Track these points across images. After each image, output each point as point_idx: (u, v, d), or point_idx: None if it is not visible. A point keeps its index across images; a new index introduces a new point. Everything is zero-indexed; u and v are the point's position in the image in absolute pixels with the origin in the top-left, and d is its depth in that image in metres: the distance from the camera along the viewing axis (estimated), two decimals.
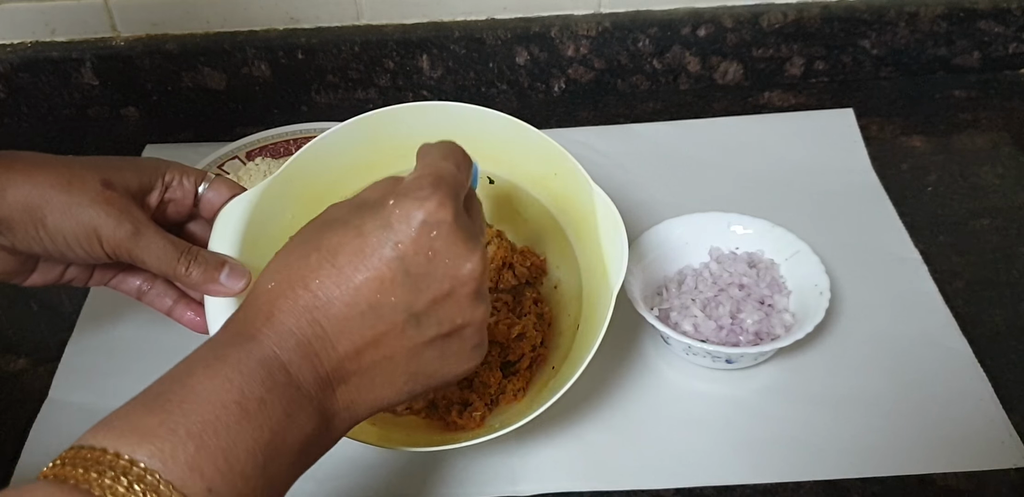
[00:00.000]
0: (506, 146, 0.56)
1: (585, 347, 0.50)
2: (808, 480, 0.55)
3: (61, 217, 0.45)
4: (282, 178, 0.53)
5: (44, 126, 0.86)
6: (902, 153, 0.79)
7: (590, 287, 0.55)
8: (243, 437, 0.32)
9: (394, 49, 0.82)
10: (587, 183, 0.52)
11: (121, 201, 0.46)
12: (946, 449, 0.56)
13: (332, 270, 0.36)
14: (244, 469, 0.31)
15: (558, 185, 0.56)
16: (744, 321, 0.60)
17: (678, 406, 0.60)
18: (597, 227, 0.52)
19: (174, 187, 0.50)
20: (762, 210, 0.66)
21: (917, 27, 0.83)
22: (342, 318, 0.36)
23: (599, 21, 0.82)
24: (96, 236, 0.46)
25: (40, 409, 0.61)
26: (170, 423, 0.31)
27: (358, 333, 0.36)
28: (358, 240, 0.36)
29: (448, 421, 0.55)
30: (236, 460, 0.31)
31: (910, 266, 0.68)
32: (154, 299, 0.53)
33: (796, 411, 0.59)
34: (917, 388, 0.59)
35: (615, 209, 0.52)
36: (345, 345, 0.36)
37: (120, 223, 0.46)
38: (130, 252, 0.47)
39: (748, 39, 0.83)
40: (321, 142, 0.53)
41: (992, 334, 0.63)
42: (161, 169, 0.50)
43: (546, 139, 0.54)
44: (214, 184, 0.51)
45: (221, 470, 0.31)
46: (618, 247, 0.51)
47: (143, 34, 0.83)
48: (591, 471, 0.56)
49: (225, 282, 0.48)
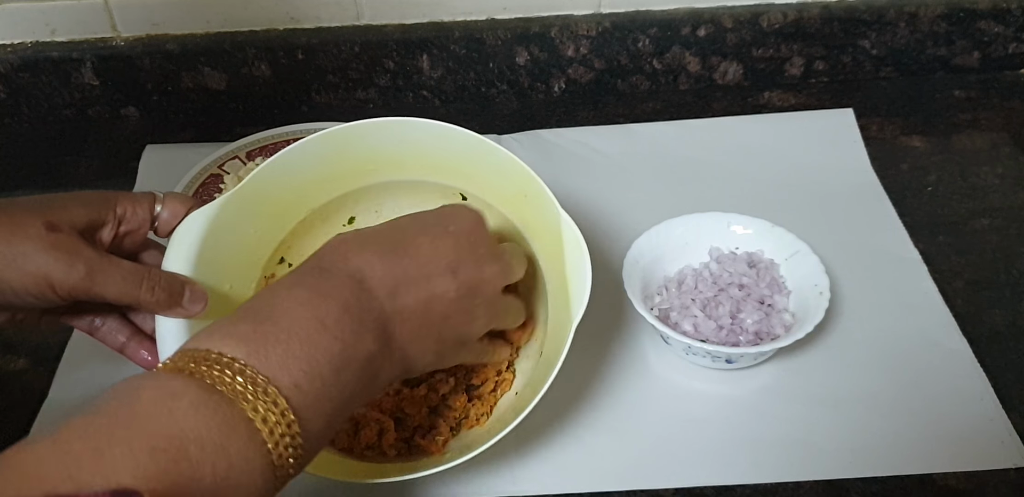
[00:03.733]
0: (475, 164, 0.54)
1: (545, 376, 0.49)
2: (808, 480, 0.55)
3: (5, 269, 0.43)
4: (243, 192, 0.51)
5: (44, 126, 0.86)
6: (902, 153, 0.79)
7: (555, 314, 0.53)
8: (321, 346, 0.38)
9: (394, 49, 0.83)
10: (555, 208, 0.51)
11: (68, 242, 0.44)
12: (946, 449, 0.56)
13: (396, 232, 0.45)
14: (322, 372, 0.37)
15: (528, 208, 0.54)
16: (744, 321, 0.60)
17: (678, 406, 0.60)
18: (563, 255, 0.51)
19: (128, 219, 0.49)
20: (762, 210, 0.66)
21: (917, 27, 0.83)
22: (402, 272, 0.43)
23: (599, 21, 0.82)
24: (47, 283, 0.44)
25: (40, 409, 0.61)
26: (262, 331, 0.37)
27: (413, 287, 0.43)
28: (419, 223, 0.47)
29: (412, 445, 0.54)
30: (316, 363, 0.37)
31: (910, 266, 0.68)
32: (106, 336, 0.51)
33: (796, 411, 0.59)
34: (917, 388, 0.59)
35: (582, 239, 0.50)
36: (403, 295, 0.43)
37: (72, 266, 0.44)
38: (87, 291, 0.45)
39: (748, 39, 0.83)
40: (284, 156, 0.52)
41: (992, 334, 0.63)
42: (111, 202, 0.48)
43: (514, 160, 0.52)
44: (168, 203, 0.50)
45: (304, 370, 0.36)
46: (582, 279, 0.50)
47: (143, 34, 0.83)
48: (591, 471, 0.56)
49: (187, 306, 0.48)
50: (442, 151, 0.54)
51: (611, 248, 0.67)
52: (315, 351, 0.37)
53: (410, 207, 0.59)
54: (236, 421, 0.34)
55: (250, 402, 0.34)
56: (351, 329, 0.39)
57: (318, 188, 0.56)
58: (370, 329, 0.40)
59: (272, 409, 0.34)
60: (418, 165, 0.56)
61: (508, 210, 0.56)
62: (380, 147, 0.55)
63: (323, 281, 0.41)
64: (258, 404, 0.34)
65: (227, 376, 0.34)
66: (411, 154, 0.55)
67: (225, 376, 0.34)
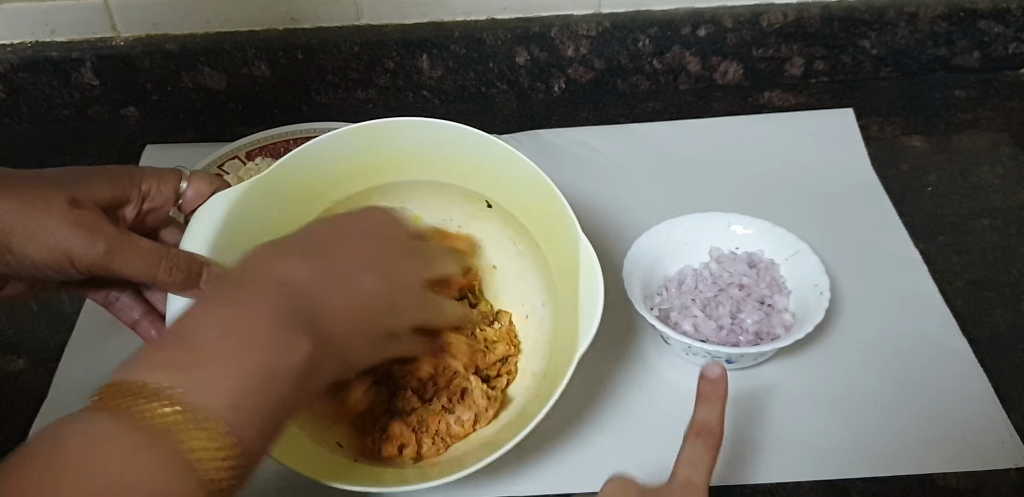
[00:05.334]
0: (503, 175, 0.55)
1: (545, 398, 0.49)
2: (808, 480, 0.55)
3: (27, 242, 0.44)
4: (270, 178, 0.52)
5: (44, 126, 0.86)
6: (902, 153, 0.79)
7: (560, 337, 0.53)
8: (253, 360, 0.36)
9: (394, 49, 0.82)
10: (575, 231, 0.51)
11: (90, 219, 0.45)
12: (946, 449, 0.56)
13: (317, 236, 0.45)
14: (260, 386, 0.36)
15: (549, 225, 0.54)
16: (744, 321, 0.60)
17: (678, 406, 0.59)
18: (578, 279, 0.51)
19: (152, 196, 0.49)
20: (762, 210, 0.65)
21: (917, 27, 0.83)
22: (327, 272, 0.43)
23: (599, 21, 0.82)
24: (68, 258, 0.44)
25: (40, 409, 0.61)
26: (191, 355, 0.36)
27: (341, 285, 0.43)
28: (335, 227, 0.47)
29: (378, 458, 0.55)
30: (251, 379, 0.36)
31: (910, 266, 0.68)
32: (120, 311, 0.52)
33: (796, 411, 0.59)
34: (917, 388, 0.59)
35: (598, 266, 0.50)
36: (331, 294, 0.42)
37: (92, 243, 0.44)
38: (107, 268, 0.46)
39: (748, 39, 0.83)
40: (315, 145, 0.53)
41: (992, 334, 0.63)
42: (136, 180, 0.48)
43: (542, 177, 0.52)
44: (194, 181, 0.50)
45: (238, 389, 0.35)
46: (592, 307, 0.49)
47: (143, 34, 0.83)
48: (591, 471, 0.56)
49: (204, 287, 0.48)
50: (472, 158, 0.55)
51: (611, 248, 0.67)
52: (247, 366, 0.36)
53: (436, 207, 0.60)
54: (169, 457, 0.32)
55: (184, 433, 0.33)
56: (283, 337, 0.38)
57: (344, 180, 0.56)
58: (303, 332, 0.39)
59: (209, 436, 0.33)
60: (446, 168, 0.56)
61: (530, 224, 0.56)
62: (410, 146, 0.55)
63: (247, 293, 0.40)
64: (192, 434, 0.33)
65: (157, 408, 0.33)
66: (440, 156, 0.55)
67: (155, 408, 0.33)
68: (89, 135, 0.85)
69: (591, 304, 0.50)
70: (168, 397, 0.33)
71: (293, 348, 0.38)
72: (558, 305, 0.55)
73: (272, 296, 0.40)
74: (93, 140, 0.85)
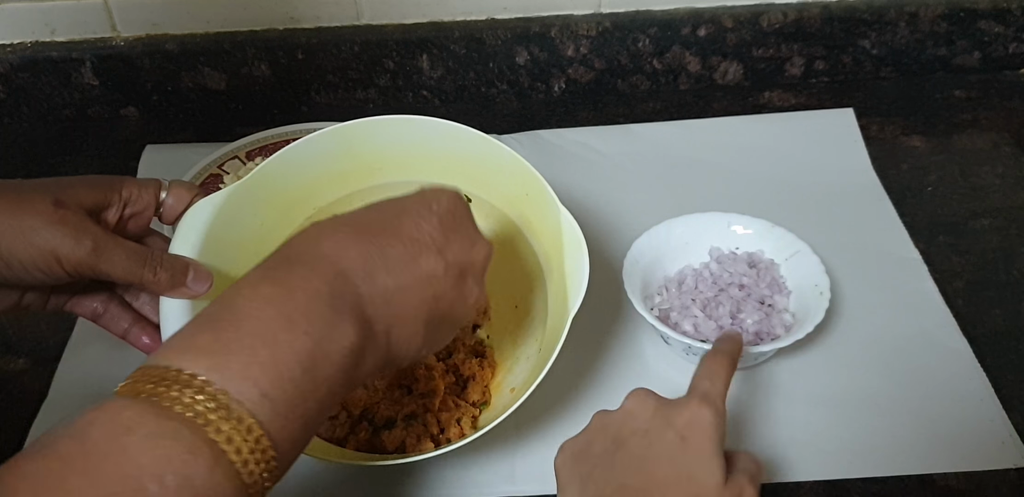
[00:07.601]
0: (480, 163, 0.55)
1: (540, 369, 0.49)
2: (808, 480, 0.55)
3: (14, 243, 0.44)
4: (251, 183, 0.52)
5: (44, 126, 0.86)
6: (902, 153, 0.79)
7: (554, 312, 0.53)
8: (289, 346, 0.35)
9: (394, 49, 0.83)
10: (556, 206, 0.51)
11: (75, 218, 0.45)
12: (946, 449, 0.56)
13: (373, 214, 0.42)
14: (292, 375, 0.34)
15: (529, 207, 0.55)
16: (744, 321, 0.60)
17: None
18: (563, 253, 0.51)
19: (133, 202, 0.49)
20: (762, 210, 0.66)
21: (917, 27, 0.83)
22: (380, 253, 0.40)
23: (599, 21, 0.82)
24: (55, 257, 0.44)
25: (40, 409, 0.61)
26: (223, 339, 0.34)
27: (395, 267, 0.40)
28: (398, 205, 0.43)
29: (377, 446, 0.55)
30: (285, 367, 0.34)
31: (910, 266, 0.68)
32: (109, 322, 0.52)
33: (796, 411, 0.59)
34: (917, 388, 0.59)
35: (580, 234, 0.50)
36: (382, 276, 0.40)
37: (78, 241, 0.45)
38: (94, 267, 0.45)
39: (748, 39, 0.83)
40: (294, 149, 0.53)
41: (992, 334, 0.63)
42: (116, 186, 0.49)
43: (518, 158, 0.53)
44: (173, 189, 0.51)
45: (270, 377, 0.34)
46: (579, 272, 0.50)
47: (143, 34, 0.83)
48: None
49: (191, 285, 0.48)
50: (448, 150, 0.55)
51: (611, 248, 0.67)
52: (282, 353, 0.35)
53: None
54: (198, 446, 0.31)
55: (212, 423, 0.32)
56: (324, 320, 0.36)
57: (325, 185, 0.56)
58: (346, 317, 0.37)
59: (237, 426, 0.32)
60: (424, 165, 0.56)
61: (511, 210, 0.56)
62: (387, 145, 0.55)
63: (289, 272, 0.38)
64: (221, 424, 0.32)
65: (186, 395, 0.32)
66: (417, 153, 0.55)
67: (184, 396, 0.32)
68: (89, 135, 0.85)
69: (578, 269, 0.50)
70: (195, 385, 0.32)
71: (335, 333, 0.37)
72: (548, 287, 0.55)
73: (316, 277, 0.38)
74: (93, 140, 0.85)
